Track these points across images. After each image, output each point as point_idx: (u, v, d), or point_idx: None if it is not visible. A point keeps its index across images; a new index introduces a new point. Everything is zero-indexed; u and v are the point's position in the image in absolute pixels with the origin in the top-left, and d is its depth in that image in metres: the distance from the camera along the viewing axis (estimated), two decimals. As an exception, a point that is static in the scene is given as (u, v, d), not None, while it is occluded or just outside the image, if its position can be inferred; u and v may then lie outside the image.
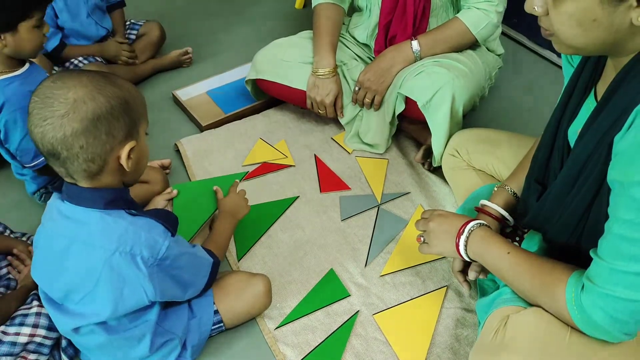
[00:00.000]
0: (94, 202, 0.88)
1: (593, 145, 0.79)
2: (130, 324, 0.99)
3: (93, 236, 0.89)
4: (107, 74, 0.87)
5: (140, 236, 0.89)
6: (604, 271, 0.74)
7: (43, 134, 0.80)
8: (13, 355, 1.01)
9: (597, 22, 0.70)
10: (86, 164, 0.83)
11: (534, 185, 0.98)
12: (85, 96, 0.81)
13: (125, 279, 0.90)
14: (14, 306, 1.07)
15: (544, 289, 0.83)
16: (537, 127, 1.59)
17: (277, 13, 2.28)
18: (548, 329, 0.81)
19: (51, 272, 0.95)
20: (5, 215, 1.35)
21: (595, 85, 0.87)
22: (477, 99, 1.53)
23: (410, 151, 1.63)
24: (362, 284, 1.28)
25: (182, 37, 2.12)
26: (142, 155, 0.93)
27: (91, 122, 0.81)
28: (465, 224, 0.99)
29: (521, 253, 0.90)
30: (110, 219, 0.88)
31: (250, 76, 1.64)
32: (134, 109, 0.87)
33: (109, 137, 0.83)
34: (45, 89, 0.82)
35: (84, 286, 0.92)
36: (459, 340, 1.17)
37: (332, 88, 1.52)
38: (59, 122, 0.80)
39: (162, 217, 0.94)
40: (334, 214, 1.45)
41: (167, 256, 0.92)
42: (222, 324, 1.13)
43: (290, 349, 1.15)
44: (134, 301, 0.94)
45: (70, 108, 0.80)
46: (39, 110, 0.81)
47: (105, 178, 0.88)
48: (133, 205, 0.94)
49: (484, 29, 1.45)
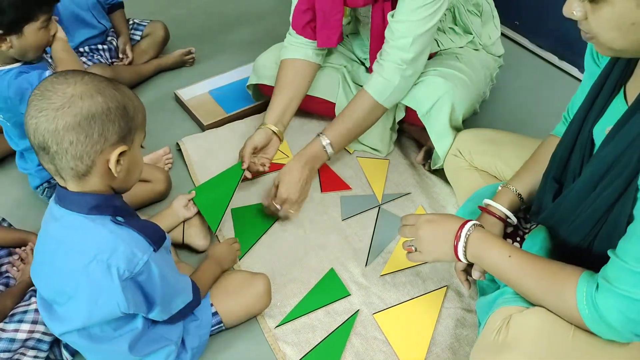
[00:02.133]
0: (78, 206, 0.86)
1: (624, 147, 0.79)
2: (115, 333, 0.96)
3: (74, 241, 0.87)
4: (112, 80, 0.87)
5: (119, 247, 0.86)
6: (624, 273, 0.74)
7: (37, 125, 0.80)
8: (11, 351, 1.01)
9: (636, 26, 0.70)
10: (74, 161, 0.82)
11: (550, 183, 0.97)
12: (83, 93, 0.81)
13: (101, 288, 0.87)
14: (11, 304, 1.07)
15: (552, 289, 0.82)
16: (537, 129, 1.60)
17: (279, 13, 2.29)
18: (551, 328, 0.81)
19: (44, 273, 0.94)
20: (7, 213, 1.35)
21: (624, 85, 0.87)
22: (477, 105, 1.53)
23: (411, 152, 1.63)
24: (363, 283, 1.28)
25: (185, 37, 2.13)
26: (134, 165, 0.90)
27: (85, 119, 0.80)
28: (461, 228, 0.96)
29: (523, 255, 0.90)
30: (92, 225, 0.86)
31: (251, 81, 1.65)
32: (131, 116, 0.86)
33: (100, 137, 0.82)
34: (48, 83, 0.82)
35: (66, 291, 0.90)
36: (459, 340, 1.17)
37: (254, 137, 1.43)
38: (52, 115, 0.79)
39: (147, 231, 0.90)
40: (335, 214, 1.45)
41: (144, 270, 0.88)
42: (222, 324, 1.13)
43: (291, 348, 1.16)
44: (107, 311, 0.90)
45: (67, 102, 0.80)
46: (37, 102, 0.80)
47: (93, 181, 0.85)
48: (123, 212, 0.91)
49: (391, 96, 1.35)
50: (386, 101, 1.36)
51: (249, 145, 1.42)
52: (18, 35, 1.18)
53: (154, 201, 1.46)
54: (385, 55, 1.32)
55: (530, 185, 1.08)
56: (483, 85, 1.52)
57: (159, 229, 0.94)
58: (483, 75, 1.51)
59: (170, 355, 1.04)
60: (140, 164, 0.93)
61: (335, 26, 1.39)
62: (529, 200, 1.08)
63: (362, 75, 1.58)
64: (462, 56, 1.49)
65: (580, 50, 1.01)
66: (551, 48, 1.97)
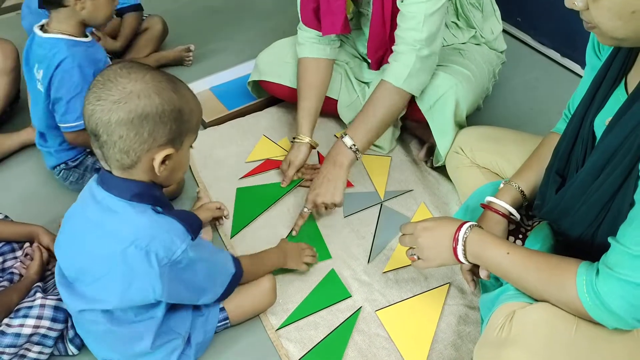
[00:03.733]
0: (122, 191, 0.89)
1: (624, 135, 0.79)
2: (136, 318, 0.99)
3: (114, 225, 0.90)
4: (176, 81, 0.89)
5: (159, 234, 0.89)
6: (624, 257, 0.74)
7: (92, 111, 0.83)
8: (16, 346, 1.01)
9: (636, 14, 0.70)
10: (120, 154, 0.85)
11: (554, 177, 0.97)
12: (141, 92, 0.83)
13: (136, 273, 0.90)
14: (16, 299, 1.07)
15: (552, 281, 0.83)
16: (539, 125, 1.59)
17: (281, 10, 2.29)
18: (554, 324, 0.81)
19: (71, 250, 0.96)
20: (9, 210, 1.35)
21: (625, 76, 0.87)
22: (480, 102, 1.53)
23: (413, 149, 1.63)
24: (365, 280, 1.28)
25: (186, 33, 2.12)
26: (179, 166, 0.93)
27: (138, 117, 0.82)
28: (458, 230, 0.97)
29: (522, 251, 0.91)
30: (133, 212, 0.89)
31: (253, 77, 1.64)
32: (185, 120, 0.88)
33: (150, 137, 0.84)
34: (111, 73, 0.84)
35: (96, 271, 0.93)
36: (462, 336, 1.17)
37: (298, 155, 1.46)
38: (108, 107, 0.82)
39: (186, 220, 0.93)
40: (337, 211, 1.44)
41: (181, 259, 0.91)
42: (228, 321, 1.14)
43: (293, 345, 1.16)
44: (140, 296, 0.93)
45: (124, 97, 0.82)
46: (97, 90, 0.83)
47: (136, 174, 0.89)
48: (162, 202, 0.94)
49: (409, 78, 1.30)
50: (405, 84, 1.30)
51: (292, 168, 1.46)
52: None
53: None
54: (399, 40, 1.31)
55: (532, 181, 1.08)
56: (486, 82, 1.52)
57: (197, 218, 0.98)
58: (486, 71, 1.51)
59: (177, 349, 1.05)
60: (184, 165, 0.95)
61: (338, 12, 1.37)
62: (532, 197, 1.08)
63: (364, 71, 1.58)
64: (465, 52, 1.49)
65: (582, 47, 1.00)
66: (553, 45, 1.97)
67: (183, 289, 0.97)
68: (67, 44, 1.26)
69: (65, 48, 1.25)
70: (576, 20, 0.78)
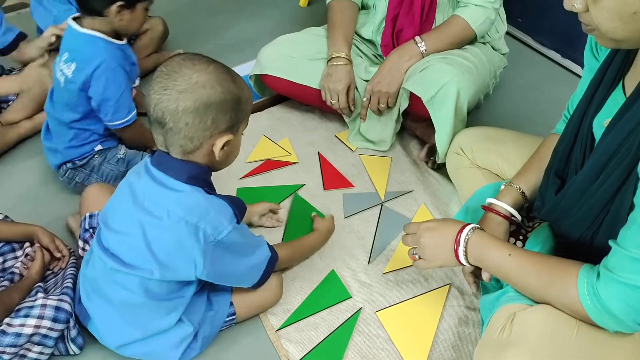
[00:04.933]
0: (178, 173, 0.94)
1: (624, 137, 0.79)
2: (168, 295, 1.03)
3: (168, 200, 0.94)
4: (232, 72, 0.94)
5: (210, 213, 0.94)
6: (625, 260, 0.74)
7: (159, 100, 0.88)
8: (17, 346, 1.01)
9: (637, 15, 0.71)
10: (184, 140, 0.90)
11: (553, 179, 0.97)
12: (206, 82, 0.88)
13: (184, 247, 0.95)
14: (17, 298, 1.07)
15: (553, 283, 0.83)
16: (540, 127, 1.59)
17: (282, 10, 2.28)
18: (555, 325, 0.81)
19: (119, 219, 1.00)
20: (9, 210, 1.35)
21: (623, 77, 0.87)
22: (481, 96, 1.53)
23: (413, 149, 1.63)
24: (365, 281, 1.28)
25: (186, 33, 2.12)
26: (233, 150, 0.99)
27: (203, 105, 0.88)
28: (460, 232, 0.97)
29: (523, 253, 0.90)
30: (188, 189, 0.94)
31: (255, 72, 1.63)
32: (242, 109, 0.94)
33: (213, 124, 0.90)
34: (175, 64, 0.89)
35: (143, 241, 0.96)
36: (462, 338, 1.17)
37: (344, 76, 1.51)
38: (175, 96, 0.87)
39: (235, 203, 0.99)
40: (337, 211, 1.45)
41: (226, 239, 0.96)
42: (235, 317, 1.15)
43: (293, 346, 1.16)
44: (183, 271, 0.98)
45: (190, 87, 0.87)
46: (163, 80, 0.88)
47: (196, 158, 0.94)
48: (211, 187, 1.00)
49: (482, 24, 1.46)
50: (478, 28, 1.46)
51: (342, 95, 1.51)
52: (131, 10, 1.28)
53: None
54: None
55: (533, 182, 1.08)
56: (487, 77, 1.52)
57: (243, 204, 1.03)
58: (488, 67, 1.52)
59: (186, 340, 1.07)
60: (238, 149, 1.01)
61: None
62: (532, 198, 1.08)
63: (365, 70, 1.57)
64: (468, 48, 1.50)
65: (582, 48, 1.00)
66: (554, 46, 1.97)
67: (225, 268, 1.01)
68: (105, 45, 1.29)
69: (104, 49, 1.29)
70: (577, 21, 0.78)
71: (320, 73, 1.54)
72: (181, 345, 1.07)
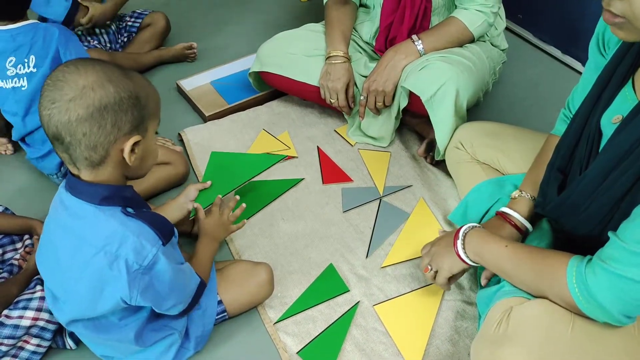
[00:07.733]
0: (90, 196, 0.86)
1: (636, 137, 0.79)
2: (120, 322, 0.97)
3: (84, 231, 0.87)
4: (124, 68, 0.86)
5: (128, 239, 0.85)
6: (622, 253, 0.75)
7: (50, 116, 0.79)
8: (15, 338, 1.02)
9: None
10: (88, 151, 0.82)
11: (555, 174, 0.97)
12: (94, 83, 0.80)
13: (107, 279, 0.87)
14: (16, 290, 1.08)
15: (545, 272, 0.84)
16: (540, 122, 1.60)
17: (282, 5, 2.28)
18: (551, 320, 0.81)
19: (48, 263, 0.94)
20: (9, 202, 1.35)
21: (633, 75, 0.87)
22: (481, 94, 1.53)
23: (412, 144, 1.63)
24: (363, 275, 1.29)
25: (186, 28, 2.12)
26: (148, 153, 0.90)
27: (97, 110, 0.79)
28: (459, 229, 1.01)
29: (519, 244, 0.92)
30: (102, 216, 0.86)
31: (254, 68, 1.63)
32: (144, 105, 0.85)
33: (114, 127, 0.81)
34: (59, 73, 0.80)
35: (71, 281, 0.90)
36: (459, 332, 1.17)
37: (343, 74, 1.51)
38: (65, 106, 0.78)
39: (157, 224, 0.90)
40: (336, 206, 1.45)
41: (153, 264, 0.88)
42: (226, 313, 1.14)
43: (291, 339, 1.16)
44: (113, 302, 0.90)
45: (79, 93, 0.79)
46: (49, 93, 0.80)
47: (107, 170, 0.85)
48: (134, 203, 0.91)
49: (480, 27, 1.45)
50: (475, 30, 1.46)
51: (341, 93, 1.52)
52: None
53: (175, 184, 1.48)
54: (468, 3, 1.43)
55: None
56: (487, 75, 1.52)
57: (168, 223, 0.94)
58: (487, 65, 1.51)
59: (174, 344, 1.05)
60: (154, 151, 0.92)
61: None
62: None
63: (364, 65, 1.57)
64: (468, 46, 1.50)
65: (583, 44, 1.00)
66: (554, 42, 1.97)
67: (155, 295, 0.92)
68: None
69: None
70: (578, 17, 0.77)
71: (320, 70, 1.54)
72: (170, 350, 1.05)
